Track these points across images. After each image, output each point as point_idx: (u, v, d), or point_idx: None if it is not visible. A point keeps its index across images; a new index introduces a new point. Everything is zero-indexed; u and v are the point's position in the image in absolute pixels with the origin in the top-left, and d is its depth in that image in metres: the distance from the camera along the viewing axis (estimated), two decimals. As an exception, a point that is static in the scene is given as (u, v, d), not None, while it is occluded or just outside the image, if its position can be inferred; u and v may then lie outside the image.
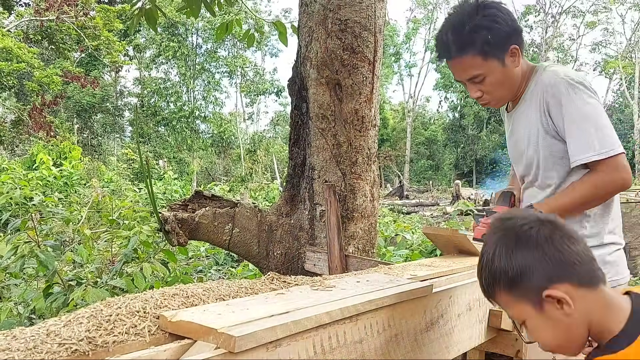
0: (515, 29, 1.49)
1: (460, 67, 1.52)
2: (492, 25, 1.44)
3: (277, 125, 38.29)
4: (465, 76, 1.53)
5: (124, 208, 5.71)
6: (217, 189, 12.93)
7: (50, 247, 2.87)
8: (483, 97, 1.55)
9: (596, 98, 1.45)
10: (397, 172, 34.19)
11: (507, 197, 1.66)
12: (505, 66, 1.50)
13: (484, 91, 1.54)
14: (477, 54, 1.46)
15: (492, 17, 1.45)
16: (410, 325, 1.50)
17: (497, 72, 1.50)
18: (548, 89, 1.47)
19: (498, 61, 1.48)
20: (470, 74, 1.51)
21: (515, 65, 1.51)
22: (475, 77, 1.51)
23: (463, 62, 1.50)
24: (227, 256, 6.37)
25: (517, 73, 1.53)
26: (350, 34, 2.77)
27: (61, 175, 12.81)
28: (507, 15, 1.48)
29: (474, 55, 1.46)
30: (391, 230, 6.98)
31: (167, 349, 0.95)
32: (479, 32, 1.44)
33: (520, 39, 1.52)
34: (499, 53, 1.47)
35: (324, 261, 2.71)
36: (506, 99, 1.60)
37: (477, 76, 1.50)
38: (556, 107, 1.45)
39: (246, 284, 1.38)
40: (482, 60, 1.47)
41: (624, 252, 1.60)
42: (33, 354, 0.88)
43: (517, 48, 1.50)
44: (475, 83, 1.52)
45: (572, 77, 1.44)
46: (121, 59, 20.03)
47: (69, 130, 23.28)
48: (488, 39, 1.44)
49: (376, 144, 3.03)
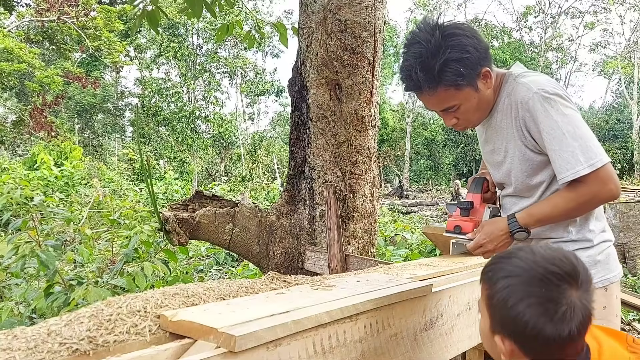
0: (484, 50, 1.44)
1: (433, 101, 1.48)
2: (461, 56, 1.38)
3: (277, 126, 38.31)
4: (439, 107, 1.49)
5: (125, 208, 5.72)
6: (217, 189, 12.94)
7: (51, 247, 2.87)
8: (459, 123, 1.53)
9: (572, 107, 1.40)
10: (397, 172, 34.19)
11: (480, 183, 1.59)
12: (478, 91, 1.46)
13: (460, 118, 1.51)
14: (450, 87, 1.42)
15: (460, 47, 1.38)
16: (410, 325, 1.50)
17: (472, 99, 1.47)
18: (523, 105, 1.43)
19: (471, 88, 1.45)
20: (444, 105, 1.48)
21: (487, 86, 1.48)
22: (450, 108, 1.48)
23: (435, 96, 1.45)
24: (228, 256, 6.38)
25: (490, 93, 1.50)
26: (350, 34, 2.77)
27: (62, 175, 12.83)
28: (473, 37, 1.42)
29: (447, 88, 1.42)
30: (391, 230, 6.99)
31: (168, 348, 0.96)
32: (450, 67, 1.38)
33: (488, 58, 1.47)
34: (471, 81, 1.43)
35: (324, 261, 2.71)
36: (482, 119, 1.56)
37: (452, 107, 1.47)
38: (533, 123, 1.41)
39: (246, 283, 1.38)
40: (455, 91, 1.43)
41: (613, 247, 1.56)
42: (34, 353, 0.89)
43: (488, 70, 1.45)
44: (449, 112, 1.50)
45: (545, 90, 1.39)
46: (122, 60, 20.03)
47: (69, 130, 23.31)
48: (460, 71, 1.39)
49: (376, 144, 3.03)
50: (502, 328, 0.98)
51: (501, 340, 0.99)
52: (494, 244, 1.50)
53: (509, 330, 0.97)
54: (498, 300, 0.98)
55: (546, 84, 1.41)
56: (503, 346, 0.99)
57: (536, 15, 35.62)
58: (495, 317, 1.00)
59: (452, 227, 1.55)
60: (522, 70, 1.53)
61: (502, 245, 1.50)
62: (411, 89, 1.49)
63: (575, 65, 36.84)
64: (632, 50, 33.78)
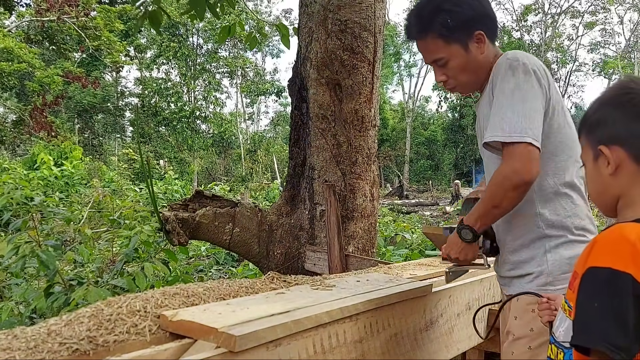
0: (483, 14, 1.45)
1: (423, 49, 1.51)
2: (453, 8, 1.41)
3: (277, 126, 38.28)
4: (429, 58, 1.51)
5: (125, 208, 5.72)
6: (217, 189, 12.93)
7: (51, 247, 2.87)
8: (448, 81, 1.52)
9: (533, 82, 1.34)
10: (397, 172, 34.18)
11: (470, 204, 1.53)
12: (468, 51, 1.45)
13: (449, 75, 1.50)
14: (437, 37, 1.44)
15: (455, 1, 1.42)
16: (410, 325, 1.50)
17: (460, 57, 1.45)
18: (494, 72, 1.41)
19: (460, 46, 1.44)
20: (432, 56, 1.49)
21: (480, 51, 1.46)
22: (438, 60, 1.48)
23: (425, 45, 1.48)
24: (228, 256, 6.37)
25: (482, 60, 1.47)
26: (350, 34, 2.77)
27: (62, 175, 12.84)
28: (476, 0, 1.44)
29: (434, 38, 1.45)
30: (391, 230, 6.99)
31: (168, 348, 0.96)
32: (438, 15, 1.42)
33: (488, 26, 1.46)
34: (461, 37, 1.43)
35: (324, 261, 2.72)
36: (472, 85, 1.54)
37: (439, 59, 1.48)
38: (495, 88, 1.38)
39: (246, 283, 1.38)
40: (443, 43, 1.44)
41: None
42: (34, 353, 0.89)
43: (482, 34, 1.44)
44: (439, 67, 1.50)
45: (516, 58, 1.36)
46: (122, 60, 20.01)
47: (70, 130, 23.30)
48: (447, 22, 1.41)
49: (376, 144, 3.03)
50: (609, 138, 0.97)
51: (609, 152, 0.97)
52: (454, 250, 1.45)
53: (614, 137, 0.97)
54: (600, 114, 1.00)
55: (520, 55, 1.39)
56: (611, 157, 0.96)
57: (536, 15, 35.62)
58: (599, 133, 0.99)
59: (446, 254, 1.48)
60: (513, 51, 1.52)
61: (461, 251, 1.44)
62: (407, 36, 1.54)
63: (575, 65, 36.83)
64: (631, 51, 33.77)
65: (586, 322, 0.83)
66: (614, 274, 0.81)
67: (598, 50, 36.51)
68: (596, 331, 0.80)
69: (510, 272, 1.46)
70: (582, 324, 0.84)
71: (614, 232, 0.88)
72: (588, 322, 0.83)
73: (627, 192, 0.97)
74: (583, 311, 0.85)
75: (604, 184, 1.00)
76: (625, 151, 0.96)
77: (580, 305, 0.86)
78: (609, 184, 0.99)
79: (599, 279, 0.83)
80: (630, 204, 0.97)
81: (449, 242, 1.46)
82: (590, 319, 0.82)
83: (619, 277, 0.81)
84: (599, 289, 0.83)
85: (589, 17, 34.78)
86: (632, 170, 0.96)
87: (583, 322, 0.84)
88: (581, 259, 0.92)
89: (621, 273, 0.81)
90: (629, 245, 0.83)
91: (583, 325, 0.84)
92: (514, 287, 1.44)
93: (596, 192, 1.04)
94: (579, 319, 0.85)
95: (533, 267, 1.39)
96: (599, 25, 34.98)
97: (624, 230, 0.87)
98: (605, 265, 0.83)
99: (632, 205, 0.96)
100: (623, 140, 0.96)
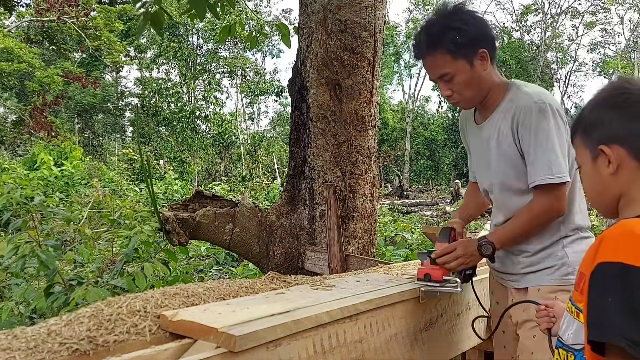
0: (486, 34, 1.59)
1: (431, 65, 1.61)
2: (461, 27, 1.54)
3: (277, 126, 38.27)
4: (436, 74, 1.61)
5: (125, 208, 5.72)
6: (217, 189, 12.93)
7: (51, 247, 2.87)
8: (453, 96, 1.63)
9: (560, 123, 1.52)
10: (397, 172, 34.18)
11: (447, 233, 1.66)
12: (473, 67, 1.57)
13: (454, 90, 1.61)
14: (446, 53, 1.55)
15: (462, 21, 1.55)
16: (410, 325, 1.50)
17: (465, 73, 1.57)
18: (522, 111, 1.54)
19: (466, 62, 1.56)
20: (440, 71, 1.59)
21: (483, 68, 1.59)
22: (445, 75, 1.59)
23: (433, 60, 1.59)
24: (228, 256, 6.37)
25: (485, 77, 1.60)
26: (350, 34, 2.77)
27: (62, 175, 12.83)
28: (480, 21, 1.59)
29: (443, 53, 1.56)
30: (391, 230, 6.99)
31: (168, 348, 0.96)
32: (448, 32, 1.54)
33: (490, 46, 1.59)
34: (467, 54, 1.56)
35: (324, 261, 2.72)
36: (475, 100, 1.66)
37: (446, 74, 1.59)
38: (526, 130, 1.53)
39: (246, 283, 1.38)
40: (450, 59, 1.56)
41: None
42: (34, 353, 0.89)
43: (486, 52, 1.57)
44: (445, 82, 1.61)
45: (542, 100, 1.52)
46: (122, 60, 20.00)
47: (70, 130, 23.30)
48: (456, 39, 1.53)
49: (376, 144, 3.04)
50: (608, 138, 0.98)
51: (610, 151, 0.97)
52: (465, 257, 1.58)
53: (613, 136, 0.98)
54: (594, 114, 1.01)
55: (544, 96, 1.54)
56: (612, 156, 0.97)
57: (536, 15, 35.60)
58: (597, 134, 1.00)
59: (422, 275, 1.59)
60: (523, 82, 1.68)
61: (470, 260, 1.58)
62: (416, 55, 1.65)
63: (575, 65, 36.81)
64: (632, 51, 33.76)
65: (600, 318, 0.82)
66: (625, 268, 0.81)
67: (598, 50, 36.51)
68: (611, 326, 0.80)
69: (524, 269, 1.61)
70: (596, 319, 0.84)
71: (621, 227, 0.88)
72: (602, 318, 0.82)
73: (627, 190, 0.98)
74: (596, 307, 0.84)
75: (604, 183, 1.00)
76: (626, 150, 0.97)
77: (593, 301, 0.85)
78: (609, 184, 0.99)
79: (610, 274, 0.83)
80: (631, 202, 0.97)
81: (466, 250, 1.59)
82: (604, 314, 0.82)
83: (630, 271, 0.80)
84: (611, 283, 0.83)
85: (589, 17, 34.77)
86: (632, 169, 0.97)
87: (597, 318, 0.83)
88: (587, 258, 0.92)
89: (632, 267, 0.81)
90: (638, 239, 0.83)
91: (597, 321, 0.83)
92: (527, 281, 1.60)
93: (595, 192, 1.04)
94: (593, 316, 0.85)
95: (554, 261, 1.56)
96: (599, 25, 34.98)
97: (630, 225, 0.87)
98: (616, 260, 0.83)
99: (633, 203, 0.97)
100: (623, 139, 0.97)
